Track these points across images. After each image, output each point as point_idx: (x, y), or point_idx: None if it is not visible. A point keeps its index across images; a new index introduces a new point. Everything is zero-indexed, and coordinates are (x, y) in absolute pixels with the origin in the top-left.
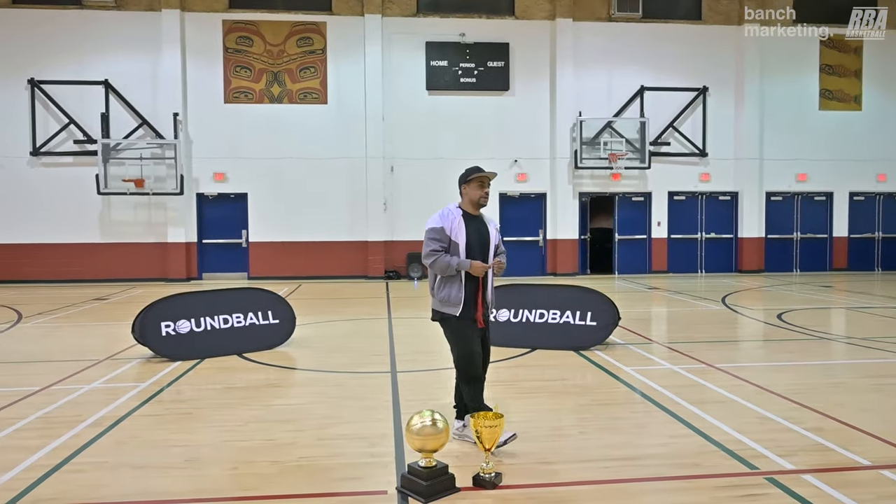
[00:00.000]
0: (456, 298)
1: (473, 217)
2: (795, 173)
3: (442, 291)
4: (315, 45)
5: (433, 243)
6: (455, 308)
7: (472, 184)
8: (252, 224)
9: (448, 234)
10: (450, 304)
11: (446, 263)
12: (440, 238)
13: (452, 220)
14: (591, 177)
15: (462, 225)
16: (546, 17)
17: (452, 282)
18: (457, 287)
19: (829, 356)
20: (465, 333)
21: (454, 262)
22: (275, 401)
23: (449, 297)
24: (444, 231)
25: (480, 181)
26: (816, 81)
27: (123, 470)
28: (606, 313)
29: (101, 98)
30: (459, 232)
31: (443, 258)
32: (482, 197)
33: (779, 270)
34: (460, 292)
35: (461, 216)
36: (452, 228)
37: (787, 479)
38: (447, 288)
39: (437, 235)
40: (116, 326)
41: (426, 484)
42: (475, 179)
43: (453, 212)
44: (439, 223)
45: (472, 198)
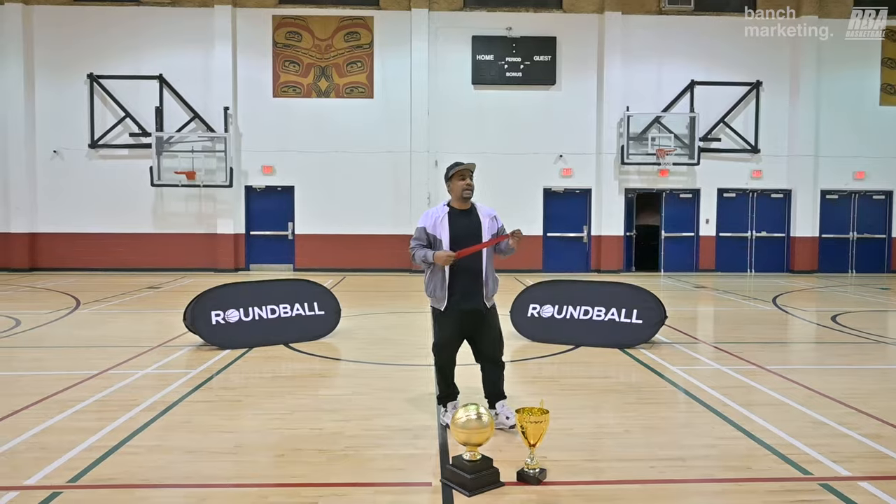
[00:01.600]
0: (440, 294)
1: (462, 212)
2: (853, 171)
3: (429, 286)
4: (362, 39)
5: (413, 241)
6: (440, 302)
7: (453, 178)
8: (298, 216)
9: (430, 232)
10: (436, 298)
11: (419, 256)
12: (419, 237)
13: (434, 218)
14: (637, 173)
15: (445, 221)
16: (594, 11)
17: (437, 276)
18: (440, 282)
19: (886, 360)
20: (444, 324)
21: (422, 255)
22: (321, 391)
23: (434, 291)
24: (425, 230)
25: (461, 174)
26: (877, 76)
27: (176, 453)
28: (653, 311)
29: (155, 92)
30: (441, 228)
31: (418, 252)
32: (464, 189)
33: (833, 271)
34: (443, 287)
35: (446, 213)
36: (435, 225)
37: (842, 486)
38: (432, 283)
39: (417, 234)
40: (168, 314)
41: (471, 477)
42: (456, 174)
43: (438, 210)
44: (421, 222)
45: (456, 191)
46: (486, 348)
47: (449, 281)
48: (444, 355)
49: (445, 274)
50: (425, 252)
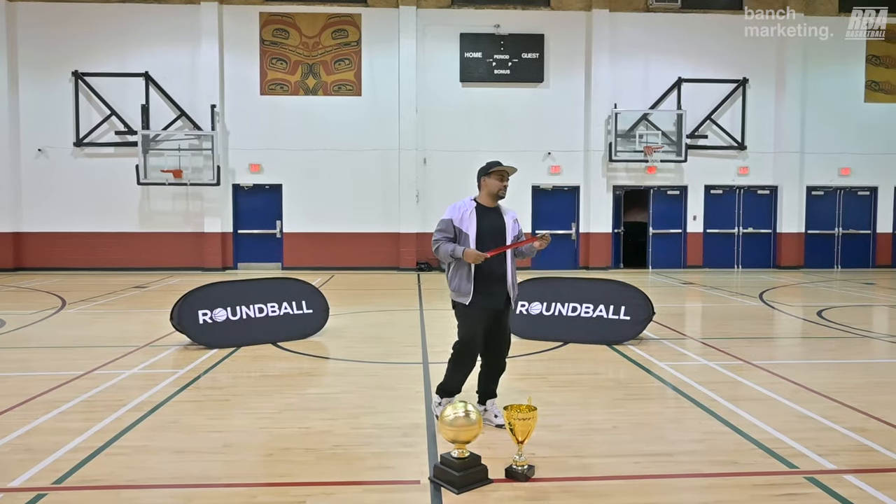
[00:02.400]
0: (465, 288)
1: (489, 209)
2: (838, 167)
3: (453, 281)
4: (350, 37)
5: (438, 234)
6: (465, 297)
7: (492, 176)
8: (286, 215)
9: (457, 225)
10: (460, 293)
11: (445, 250)
12: (445, 228)
13: (463, 212)
14: (625, 170)
15: (473, 216)
16: (582, 8)
17: (462, 271)
18: (466, 277)
19: (871, 355)
20: (469, 320)
21: (449, 249)
22: (309, 389)
23: (459, 287)
24: (452, 222)
25: (500, 174)
26: (862, 73)
27: (163, 454)
28: (641, 308)
29: (141, 90)
30: (469, 223)
31: (444, 245)
32: (501, 189)
33: (819, 267)
34: (469, 283)
35: (474, 208)
36: (462, 219)
37: (828, 479)
38: (457, 278)
39: (443, 226)
40: (155, 314)
41: (459, 475)
42: (495, 172)
43: (466, 204)
44: (448, 214)
45: (492, 189)
46: (496, 349)
47: (474, 276)
48: (468, 352)
49: (471, 269)
50: (453, 247)
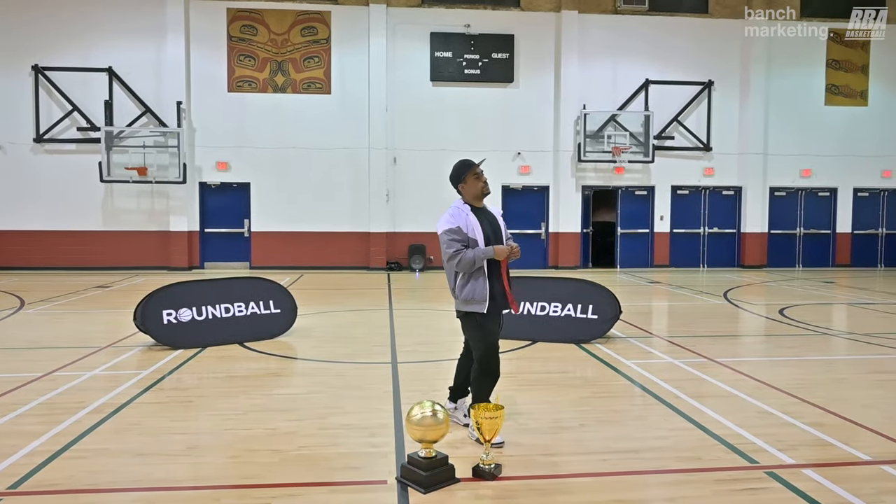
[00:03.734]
0: (481, 295)
1: (480, 210)
2: (800, 169)
3: (465, 290)
4: (319, 34)
5: (454, 243)
6: (481, 305)
7: (468, 180)
8: (254, 213)
9: (466, 232)
10: (475, 301)
11: (471, 258)
12: (460, 238)
13: (466, 217)
14: (594, 170)
15: (475, 220)
16: (551, 9)
17: (476, 278)
18: (481, 283)
19: (830, 352)
20: (489, 328)
21: (479, 254)
22: (276, 390)
23: (473, 294)
24: (461, 229)
25: (475, 174)
26: (823, 76)
27: (124, 457)
28: (608, 307)
29: (104, 85)
30: (475, 227)
31: (466, 254)
32: (483, 187)
33: (781, 266)
34: (485, 288)
35: (470, 211)
36: (468, 225)
37: (787, 474)
38: (471, 285)
39: (456, 235)
40: (118, 314)
41: (426, 474)
42: (470, 175)
43: (462, 209)
44: (454, 223)
45: (475, 192)
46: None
47: (489, 282)
48: (494, 359)
49: (486, 275)
50: (482, 250)
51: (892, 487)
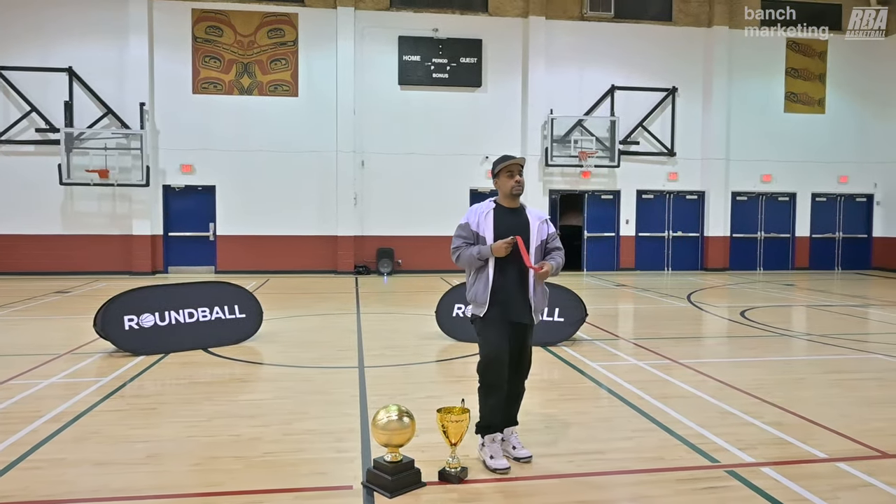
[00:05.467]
0: (482, 297)
1: (510, 210)
2: (760, 174)
3: (471, 290)
4: (286, 36)
5: (457, 240)
6: (480, 308)
7: (501, 176)
8: (220, 217)
9: (474, 229)
10: (476, 303)
11: (468, 256)
12: (464, 234)
13: (479, 214)
14: (561, 174)
15: (490, 218)
16: (519, 15)
17: (480, 278)
18: (483, 284)
19: (789, 352)
20: (490, 335)
21: (474, 251)
22: (240, 396)
23: (475, 296)
24: (469, 226)
25: (509, 170)
26: (782, 84)
27: (83, 466)
28: (574, 310)
29: (64, 86)
30: (486, 225)
31: (465, 250)
32: (513, 187)
33: (743, 269)
34: (486, 291)
35: (492, 210)
36: (478, 222)
37: (746, 472)
38: (474, 286)
39: (462, 231)
40: (78, 320)
41: (391, 479)
42: (503, 170)
43: (483, 206)
44: (465, 219)
45: (504, 190)
46: (515, 371)
47: (493, 284)
48: (492, 372)
49: (490, 275)
50: (478, 248)
51: (847, 484)
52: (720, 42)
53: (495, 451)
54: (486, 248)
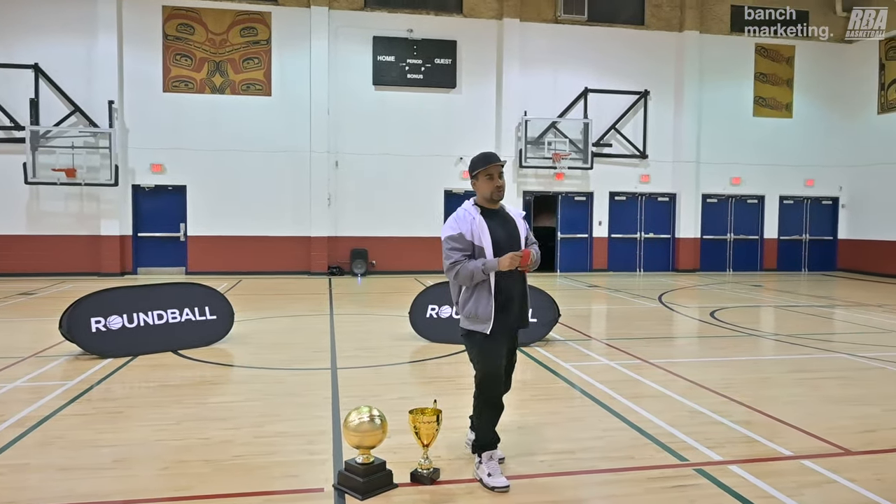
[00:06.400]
0: (485, 313)
1: (493, 212)
2: (730, 177)
3: (468, 305)
4: (259, 35)
5: (454, 253)
6: (485, 325)
7: (480, 178)
8: (191, 217)
9: (469, 239)
10: (478, 320)
11: (470, 271)
12: (461, 246)
13: (471, 222)
14: (535, 176)
15: (483, 224)
16: (493, 16)
17: (480, 292)
18: (485, 299)
19: (757, 352)
20: (492, 352)
21: (479, 266)
22: (210, 399)
23: (476, 311)
24: (464, 236)
25: (489, 174)
26: (751, 89)
27: (47, 471)
28: (547, 310)
29: (30, 83)
30: (482, 233)
31: (466, 266)
32: (494, 192)
33: (713, 270)
34: (489, 305)
35: (479, 214)
36: (473, 231)
37: (714, 470)
38: (474, 300)
39: (457, 243)
40: (43, 322)
41: (363, 480)
42: (482, 174)
43: (469, 212)
44: (456, 229)
45: (484, 194)
46: (508, 368)
47: (496, 298)
48: (495, 388)
49: (491, 288)
50: (482, 262)
51: (811, 481)
52: (691, 46)
53: (493, 468)
54: (493, 261)
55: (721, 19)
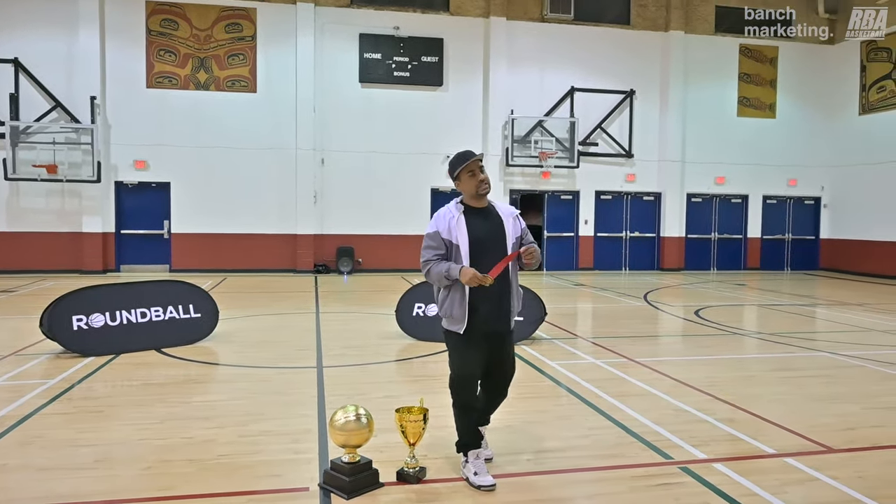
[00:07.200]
0: (458, 313)
1: (479, 210)
2: (714, 176)
3: (444, 304)
4: (244, 31)
5: (427, 252)
6: (458, 324)
7: (462, 177)
8: (175, 214)
9: (445, 237)
10: (452, 319)
11: (438, 272)
12: (435, 244)
13: (449, 220)
14: (521, 174)
15: (461, 222)
16: (480, 14)
17: (454, 292)
18: (458, 298)
19: (741, 350)
20: (465, 353)
21: (444, 269)
22: (194, 397)
23: (451, 311)
24: (439, 235)
25: (469, 170)
26: (735, 89)
27: (26, 472)
28: (533, 309)
29: (9, 77)
30: (458, 231)
31: (435, 266)
32: (479, 186)
33: (697, 269)
34: (463, 305)
35: (461, 213)
36: (450, 229)
37: (699, 468)
38: (449, 299)
39: (431, 241)
40: (24, 320)
41: (349, 480)
42: (463, 171)
43: (451, 210)
44: (434, 227)
45: (469, 191)
46: (498, 380)
47: (470, 297)
48: (466, 392)
49: (466, 289)
50: (448, 266)
51: (794, 479)
52: (676, 46)
53: (479, 467)
54: (456, 269)
55: (706, 19)
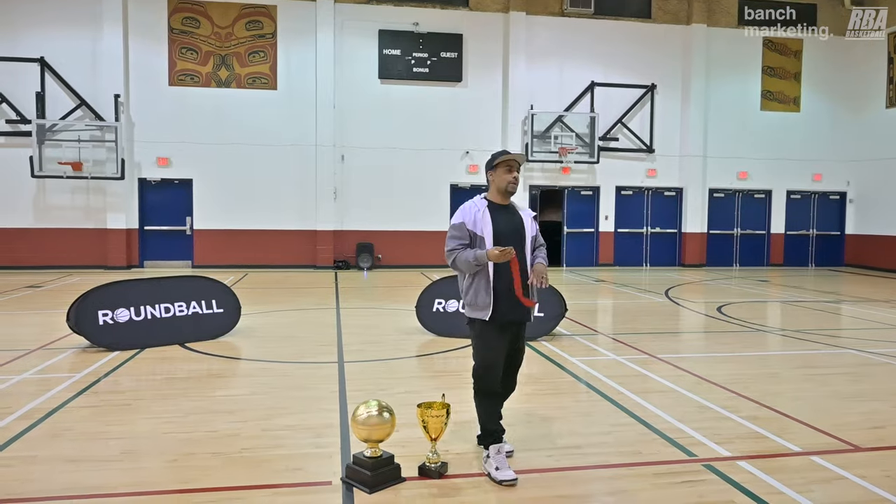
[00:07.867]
0: (483, 301)
1: (503, 207)
2: (737, 171)
3: (469, 293)
4: (265, 29)
5: (451, 241)
6: (483, 312)
7: (498, 169)
8: (197, 211)
9: (471, 229)
10: (477, 307)
11: (465, 259)
12: (459, 234)
13: (475, 213)
14: (541, 170)
15: (486, 216)
16: (500, 10)
17: (479, 280)
18: (483, 287)
19: (765, 347)
20: (490, 339)
21: (471, 256)
22: (218, 392)
23: (476, 300)
24: (465, 226)
25: (508, 165)
26: (758, 82)
27: (55, 463)
28: (553, 305)
29: (36, 76)
30: (484, 224)
31: (462, 254)
32: (510, 183)
33: (719, 265)
34: (488, 293)
35: (486, 207)
36: (475, 221)
37: (723, 466)
38: (473, 288)
39: (456, 232)
40: (51, 315)
41: (371, 474)
42: (502, 164)
43: (476, 203)
44: (459, 218)
45: (500, 185)
46: (510, 368)
47: (495, 287)
48: (490, 378)
49: (490, 277)
50: (475, 252)
51: (820, 477)
52: (698, 40)
53: (501, 462)
54: (484, 252)
55: (728, 12)
